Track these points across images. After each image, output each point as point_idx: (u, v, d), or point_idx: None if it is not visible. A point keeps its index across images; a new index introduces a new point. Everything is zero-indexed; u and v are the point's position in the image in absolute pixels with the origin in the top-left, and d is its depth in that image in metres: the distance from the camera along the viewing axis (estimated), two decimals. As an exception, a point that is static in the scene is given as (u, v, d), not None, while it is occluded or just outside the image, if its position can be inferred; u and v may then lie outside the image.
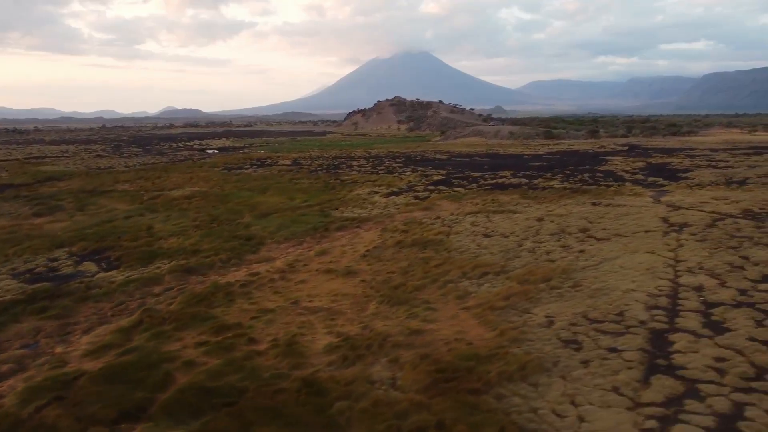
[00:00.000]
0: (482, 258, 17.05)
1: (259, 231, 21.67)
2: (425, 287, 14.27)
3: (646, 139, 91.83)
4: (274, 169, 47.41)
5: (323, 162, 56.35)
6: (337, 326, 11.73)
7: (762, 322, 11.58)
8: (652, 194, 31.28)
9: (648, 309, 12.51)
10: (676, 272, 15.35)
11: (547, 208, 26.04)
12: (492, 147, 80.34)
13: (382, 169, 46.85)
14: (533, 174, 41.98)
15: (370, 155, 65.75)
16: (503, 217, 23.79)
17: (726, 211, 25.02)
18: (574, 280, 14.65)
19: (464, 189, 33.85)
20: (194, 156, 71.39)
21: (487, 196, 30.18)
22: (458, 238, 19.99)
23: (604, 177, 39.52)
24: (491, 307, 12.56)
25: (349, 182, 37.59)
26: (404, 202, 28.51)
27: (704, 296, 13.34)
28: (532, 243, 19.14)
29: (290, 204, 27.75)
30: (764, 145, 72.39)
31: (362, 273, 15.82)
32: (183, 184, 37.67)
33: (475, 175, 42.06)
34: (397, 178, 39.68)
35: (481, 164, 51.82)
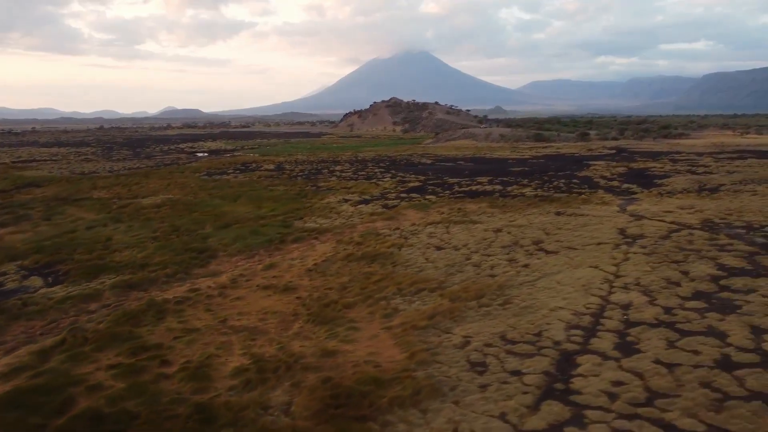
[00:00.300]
0: (424, 273, 17.17)
1: (215, 243, 21.79)
2: (356, 305, 14.39)
3: (636, 141, 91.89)
4: (255, 175, 47.52)
5: (307, 166, 56.47)
6: (255, 347, 11.85)
7: (674, 344, 11.71)
8: (620, 203, 31.40)
9: (568, 329, 12.63)
10: (611, 289, 15.47)
11: (510, 218, 26.14)
12: (480, 150, 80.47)
13: (362, 175, 46.97)
14: (510, 180, 42.09)
15: (356, 159, 65.86)
16: (462, 228, 23.90)
17: (686, 221, 25.14)
18: (506, 297, 14.77)
19: (436, 197, 33.95)
20: (182, 159, 71.50)
21: (456, 205, 30.29)
22: (410, 251, 20.11)
23: (579, 184, 39.62)
24: (413, 326, 12.68)
25: (324, 189, 37.71)
26: (371, 212, 28.62)
27: (628, 315, 13.46)
28: (480, 256, 19.25)
29: (256, 213, 27.86)
30: (751, 149, 72.49)
31: (301, 289, 15.94)
32: (158, 191, 37.78)
33: (452, 181, 42.17)
34: (373, 185, 39.79)
35: (463, 169, 51.89)
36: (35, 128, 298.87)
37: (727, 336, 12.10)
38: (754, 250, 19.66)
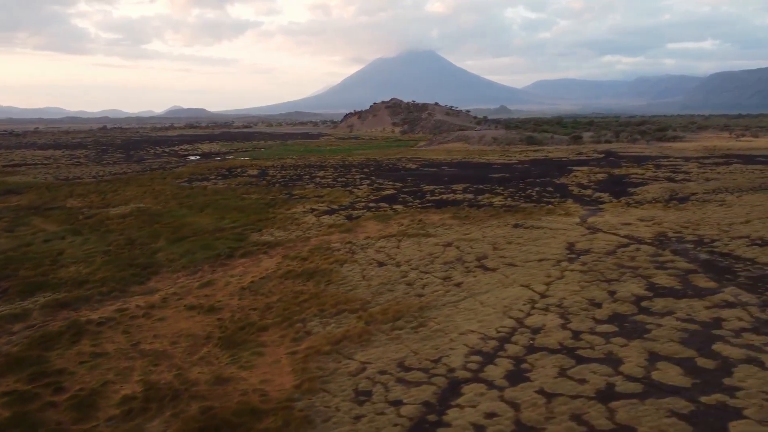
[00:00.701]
0: (354, 293, 17.35)
1: (163, 257, 22.05)
2: (272, 327, 14.60)
3: (628, 145, 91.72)
4: (235, 181, 47.80)
5: (291, 171, 56.70)
6: (154, 373, 12.07)
7: (566, 372, 11.87)
8: (584, 214, 31.47)
9: (469, 354, 12.79)
10: (531, 310, 15.62)
11: (466, 232, 26.28)
12: (470, 154, 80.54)
13: (341, 182, 47.16)
14: (486, 188, 42.18)
15: (343, 164, 66.05)
16: (414, 242, 24.07)
17: (639, 235, 25.22)
18: (423, 320, 14.94)
19: (404, 207, 34.10)
20: (171, 164, 71.89)
21: (419, 216, 30.43)
22: (351, 267, 20.29)
23: (552, 193, 39.66)
24: (318, 351, 12.87)
25: (296, 198, 37.92)
26: (331, 223, 28.81)
27: (535, 340, 13.61)
28: (418, 274, 19.42)
29: (217, 225, 28.10)
30: (740, 153, 72.28)
31: (226, 309, 16.17)
32: (132, 199, 38.10)
33: (428, 189, 42.29)
34: (347, 193, 39.98)
35: (443, 176, 52.02)
36: (38, 128, 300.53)
37: (621, 363, 12.25)
38: (692, 267, 19.76)
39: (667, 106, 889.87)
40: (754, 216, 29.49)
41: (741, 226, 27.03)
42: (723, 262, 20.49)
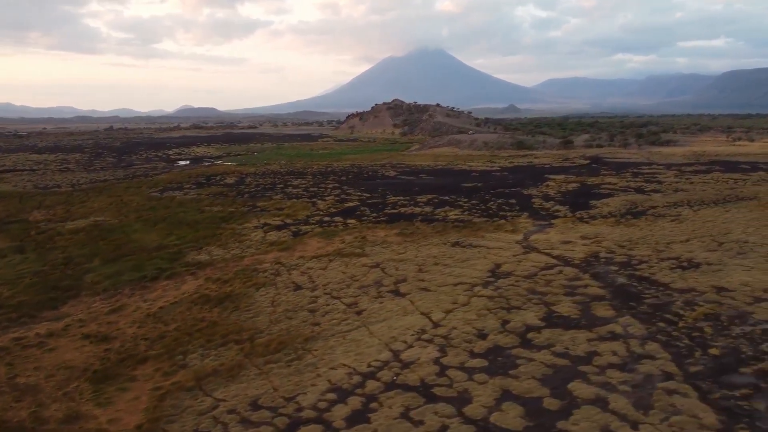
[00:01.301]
0: (253, 321, 17.69)
1: (90, 279, 22.50)
2: (152, 359, 14.97)
3: (618, 149, 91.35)
4: (206, 191, 48.27)
5: (267, 180, 57.10)
6: (12, 410, 12.47)
7: (409, 412, 12.14)
8: (531, 230, 31.61)
9: (325, 392, 13.08)
10: (415, 342, 15.87)
11: (402, 251, 26.52)
12: (456, 159, 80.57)
13: (311, 192, 47.54)
14: (449, 200, 42.37)
15: (325, 170, 66.39)
16: (343, 263, 24.36)
17: (570, 256, 25.36)
18: (303, 352, 15.24)
19: (357, 221, 34.39)
20: (156, 170, 72.59)
21: (365, 232, 30.72)
22: (266, 292, 20.62)
23: (513, 205, 39.77)
24: (181, 387, 13.20)
25: (257, 210, 38.30)
26: (275, 240, 29.15)
27: (398, 376, 13.87)
28: (327, 299, 19.72)
29: (162, 242, 28.54)
30: (727, 159, 71.87)
31: (119, 339, 16.57)
32: (95, 211, 38.67)
33: (392, 200, 42.52)
34: (309, 205, 40.32)
35: (416, 185, 52.26)
36: (45, 129, 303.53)
37: (469, 403, 12.50)
38: (601, 294, 19.91)
39: (677, 105, 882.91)
40: (699, 233, 29.52)
41: (679, 245, 27.11)
42: (636, 288, 20.63)
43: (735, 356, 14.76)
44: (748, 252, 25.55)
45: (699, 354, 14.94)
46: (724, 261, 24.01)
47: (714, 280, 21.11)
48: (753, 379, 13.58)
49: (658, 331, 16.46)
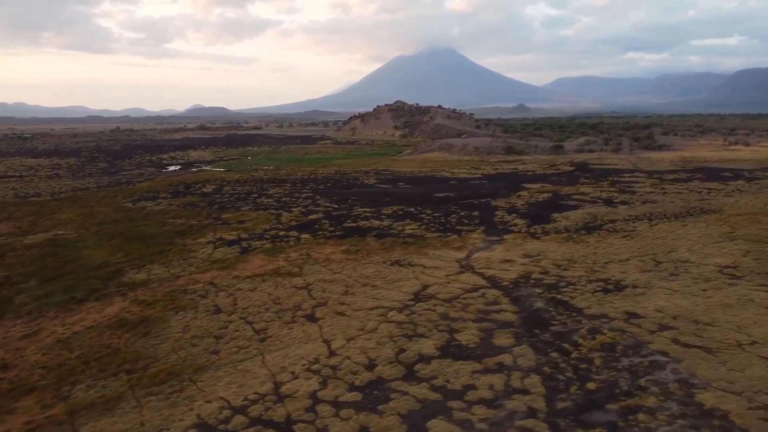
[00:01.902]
0: (155, 348, 18.07)
1: (19, 300, 23.00)
2: (39, 390, 15.38)
3: (608, 155, 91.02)
4: (179, 201, 48.80)
5: (245, 188, 57.55)
6: None
7: (258, 451, 12.43)
8: (479, 246, 31.79)
9: (190, 428, 13.41)
10: (302, 372, 16.18)
11: (338, 270, 26.84)
12: (442, 165, 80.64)
13: (282, 202, 47.96)
14: (414, 211, 42.63)
15: (306, 178, 66.79)
16: (273, 284, 24.73)
17: (502, 276, 25.57)
18: (188, 383, 15.61)
19: (311, 236, 34.74)
20: (142, 176, 73.38)
21: (312, 249, 31.05)
22: (183, 316, 21.00)
23: (474, 218, 39.92)
24: (53, 421, 13.59)
25: (219, 223, 38.73)
26: (219, 257, 29.55)
27: (269, 410, 14.19)
28: (239, 324, 20.07)
29: (108, 259, 29.02)
30: (713, 166, 71.48)
31: (19, 367, 17.00)
32: (60, 224, 39.30)
33: (357, 212, 42.80)
34: (272, 218, 40.70)
35: (390, 194, 52.51)
36: (53, 129, 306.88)
37: (321, 441, 12.78)
38: (511, 320, 20.11)
39: (690, 104, 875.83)
40: (643, 252, 29.60)
41: (616, 265, 27.21)
42: (549, 313, 20.81)
43: (609, 391, 14.95)
44: (682, 273, 25.65)
45: (575, 388, 15.14)
46: (652, 283, 24.12)
47: (630, 306, 21.26)
48: (615, 416, 13.77)
49: (547, 362, 16.68)
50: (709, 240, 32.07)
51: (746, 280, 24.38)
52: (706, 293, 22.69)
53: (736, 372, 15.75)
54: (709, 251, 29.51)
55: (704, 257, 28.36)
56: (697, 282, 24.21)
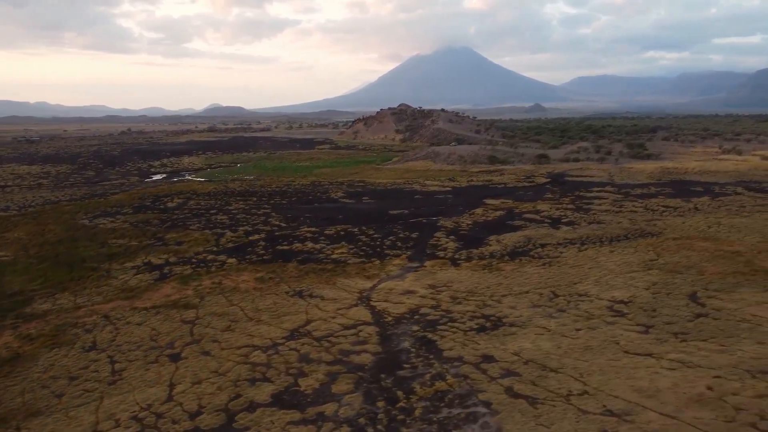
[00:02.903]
0: (2, 392, 18.83)
1: None
2: None
3: (589, 166, 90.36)
4: (137, 218, 49.70)
5: (210, 202, 58.36)
6: None
7: None
8: (393, 274, 32.18)
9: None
10: (130, 419, 16.81)
11: (235, 301, 27.46)
12: (420, 176, 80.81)
13: (237, 219, 48.87)
14: (357, 232, 43.13)
15: (280, 189, 67.45)
16: (165, 317, 25.45)
17: (391, 311, 26.00)
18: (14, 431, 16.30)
19: (238, 260, 35.36)
20: (122, 186, 74.70)
21: (227, 277, 31.65)
22: (55, 353, 21.73)
23: (408, 240, 40.32)
24: None
25: (157, 244, 39.47)
26: (132, 285, 30.23)
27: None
28: (102, 364, 20.77)
29: (22, 287, 29.62)
30: (690, 179, 70.90)
31: None
32: (5, 244, 40.45)
33: (303, 231, 43.36)
34: (213, 238, 41.40)
35: (347, 210, 53.02)
36: (65, 131, 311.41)
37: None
38: (365, 362, 20.56)
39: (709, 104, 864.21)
40: (549, 282, 29.84)
41: (512, 298, 27.53)
42: (408, 354, 21.25)
43: (406, 447, 15.38)
44: (570, 309, 25.88)
45: (376, 443, 15.59)
46: (532, 321, 24.41)
47: (492, 347, 21.60)
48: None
49: (368, 413, 17.13)
50: (624, 269, 32.18)
51: (627, 318, 24.58)
52: (577, 333, 22.96)
53: (543, 427, 16.10)
54: (616, 283, 29.66)
55: (606, 290, 28.54)
56: (578, 320, 24.46)
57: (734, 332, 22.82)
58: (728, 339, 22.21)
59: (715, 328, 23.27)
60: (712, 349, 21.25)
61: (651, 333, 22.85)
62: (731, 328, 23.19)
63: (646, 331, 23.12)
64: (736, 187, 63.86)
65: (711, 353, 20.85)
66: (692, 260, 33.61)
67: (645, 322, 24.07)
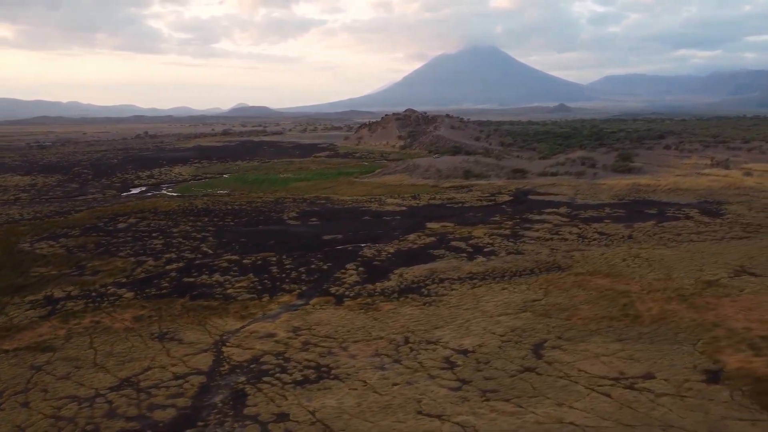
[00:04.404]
0: None
1: None
2: None
3: (561, 181, 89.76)
4: (76, 242, 51.24)
5: (160, 223, 59.56)
6: None
7: None
8: (269, 313, 32.92)
9: None
10: None
11: (95, 344, 28.56)
12: (384, 193, 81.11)
13: (171, 243, 49.94)
14: (276, 260, 43.88)
15: (235, 209, 68.38)
16: (14, 363, 26.71)
17: (233, 358, 26.89)
18: None
19: (135, 294, 36.44)
20: (95, 201, 76.86)
21: (109, 315, 32.71)
22: None
23: (314, 272, 41.05)
24: None
25: (74, 275, 40.93)
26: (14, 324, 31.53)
27: None
28: None
29: None
30: (653, 199, 70.23)
31: None
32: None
33: (222, 260, 44.31)
34: (130, 267, 42.58)
35: (285, 235, 53.81)
36: (85, 134, 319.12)
37: None
38: (163, 419, 21.51)
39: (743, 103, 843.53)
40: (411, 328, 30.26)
41: (361, 345, 28.16)
42: (208, 411, 22.13)
43: None
44: (407, 359, 26.44)
45: None
46: (358, 373, 25.05)
47: (297, 404, 22.36)
48: None
49: (123, 478, 18.08)
50: (499, 311, 32.49)
51: (453, 372, 25.05)
52: (390, 389, 23.54)
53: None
54: (476, 328, 30.01)
55: (460, 337, 28.95)
56: (403, 373, 25.03)
57: (544, 391, 23.20)
58: (531, 399, 22.61)
59: (529, 385, 23.68)
60: (506, 410, 21.69)
61: (462, 390, 23.34)
62: (545, 386, 23.57)
63: (460, 387, 23.61)
64: (694, 209, 63.04)
65: (500, 416, 21.32)
66: (574, 301, 33.81)
67: (466, 377, 24.54)
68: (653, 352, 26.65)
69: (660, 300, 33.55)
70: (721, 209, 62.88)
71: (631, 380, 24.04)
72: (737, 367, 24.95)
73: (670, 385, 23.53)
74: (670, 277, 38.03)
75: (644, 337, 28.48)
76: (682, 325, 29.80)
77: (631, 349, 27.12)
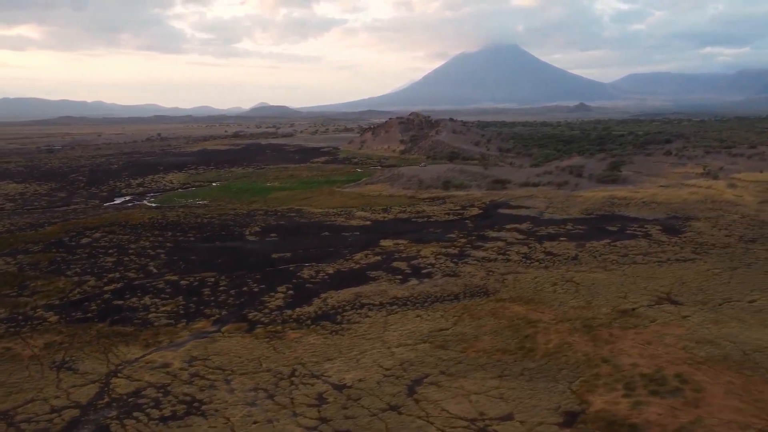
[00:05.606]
0: None
1: None
2: None
3: (548, 190, 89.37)
4: (29, 259, 52.72)
5: (122, 238, 60.61)
6: None
7: None
8: (178, 341, 33.64)
9: None
10: None
11: None
12: (361, 204, 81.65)
13: (122, 262, 50.93)
14: (213, 281, 44.54)
15: (202, 223, 69.15)
16: None
17: (118, 390, 27.70)
18: None
19: (60, 318, 37.48)
20: (75, 213, 78.48)
21: (21, 341, 33.88)
22: None
23: (245, 294, 41.61)
24: None
25: (9, 295, 42.28)
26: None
27: None
28: None
29: None
30: (620, 214, 69.75)
31: None
32: None
33: (162, 281, 45.23)
34: (68, 288, 43.75)
35: (234, 252, 54.51)
36: (100, 135, 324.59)
37: None
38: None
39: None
40: (304, 359, 30.82)
41: (245, 378, 28.77)
42: (65, 449, 22.99)
43: None
44: (282, 395, 26.98)
45: None
46: (227, 409, 25.69)
47: (149, 443, 23.12)
48: None
49: None
50: (401, 342, 32.80)
51: (319, 410, 25.54)
52: (249, 428, 24.19)
53: None
54: (367, 361, 30.45)
55: (347, 371, 29.37)
56: (270, 410, 25.60)
57: (396, 432, 23.67)
58: (371, 443, 23.09)
59: (384, 426, 24.13)
60: (345, 454, 22.21)
61: (316, 430, 23.89)
62: (399, 427, 23.90)
63: (316, 427, 24.15)
64: (657, 226, 62.66)
65: (338, 459, 21.86)
66: (479, 331, 34.09)
67: (329, 415, 25.05)
68: (525, 391, 26.92)
69: (564, 331, 33.69)
70: (684, 226, 62.46)
71: (487, 422, 24.40)
72: (600, 408, 25.17)
73: (523, 428, 23.87)
74: (589, 305, 38.08)
75: (526, 374, 28.74)
76: (571, 360, 29.99)
77: (507, 387, 27.41)
